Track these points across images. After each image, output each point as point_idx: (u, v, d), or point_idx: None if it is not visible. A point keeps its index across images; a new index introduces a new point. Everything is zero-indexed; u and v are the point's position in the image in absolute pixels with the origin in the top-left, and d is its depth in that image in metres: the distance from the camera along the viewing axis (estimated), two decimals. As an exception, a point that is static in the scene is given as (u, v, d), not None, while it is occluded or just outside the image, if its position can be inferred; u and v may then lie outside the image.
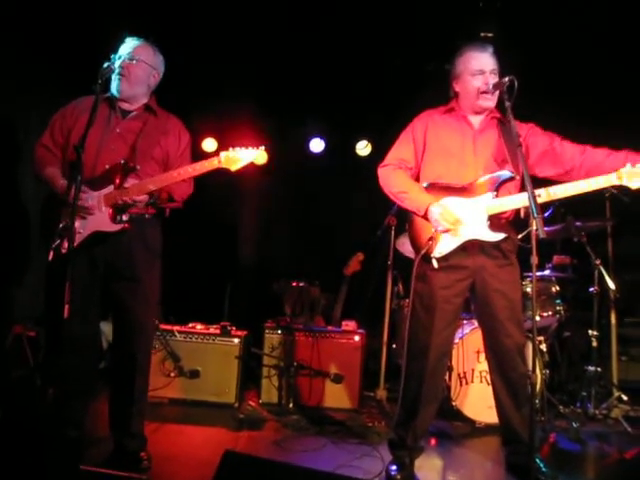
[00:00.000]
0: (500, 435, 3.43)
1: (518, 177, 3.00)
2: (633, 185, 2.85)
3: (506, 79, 2.93)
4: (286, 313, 5.58)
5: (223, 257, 6.37)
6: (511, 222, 3.19)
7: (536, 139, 3.19)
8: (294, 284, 5.83)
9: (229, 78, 5.82)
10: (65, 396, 3.04)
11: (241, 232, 6.65)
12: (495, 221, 3.05)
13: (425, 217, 3.05)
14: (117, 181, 3.11)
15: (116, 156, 3.17)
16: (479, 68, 3.14)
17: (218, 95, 5.91)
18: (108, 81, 3.20)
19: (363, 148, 6.44)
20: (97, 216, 3.09)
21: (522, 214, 2.96)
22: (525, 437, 3.14)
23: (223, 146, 6.42)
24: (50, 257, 3.06)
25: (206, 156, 3.15)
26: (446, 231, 3.00)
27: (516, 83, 2.86)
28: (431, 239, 3.02)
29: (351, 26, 5.17)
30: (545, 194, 2.91)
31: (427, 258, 3.08)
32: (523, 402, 3.16)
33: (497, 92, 3.10)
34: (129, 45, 3.30)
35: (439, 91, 4.24)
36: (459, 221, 3.01)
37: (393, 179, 3.20)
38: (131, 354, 3.25)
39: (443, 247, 3.05)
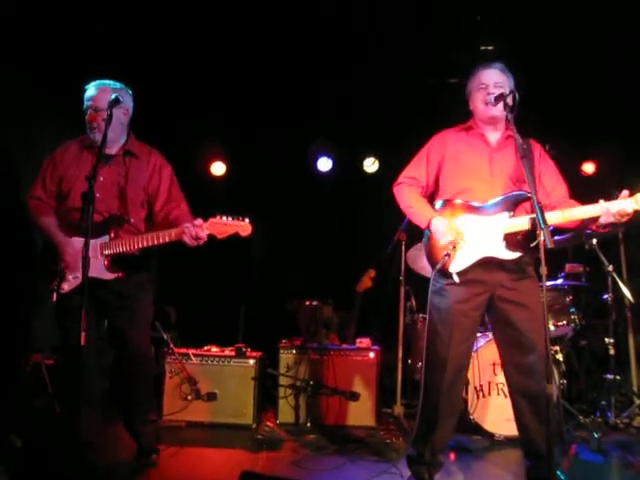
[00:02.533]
0: (520, 448, 3.39)
1: (535, 197, 3.01)
2: None
3: (506, 91, 3.02)
4: (300, 333, 5.60)
5: (236, 279, 6.41)
6: (528, 238, 3.17)
7: (546, 164, 3.29)
8: (307, 303, 5.84)
9: (235, 99, 5.91)
10: (80, 419, 3.13)
11: (253, 253, 6.69)
12: (511, 239, 3.08)
13: (429, 229, 3.17)
14: (112, 234, 3.28)
15: (103, 204, 3.29)
16: (483, 82, 3.24)
17: (225, 116, 6.00)
18: None
19: (371, 165, 6.49)
20: (93, 263, 3.04)
21: (529, 225, 2.96)
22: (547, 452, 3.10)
23: (231, 169, 6.60)
24: (54, 299, 3.24)
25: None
26: (450, 244, 3.05)
27: (517, 96, 2.91)
28: (447, 255, 3.06)
29: (356, 44, 5.23)
30: (561, 215, 2.96)
31: (443, 273, 3.12)
32: (546, 416, 3.10)
33: (500, 103, 3.13)
34: (88, 95, 3.40)
35: (444, 105, 4.29)
36: (461, 235, 3.07)
37: (403, 195, 3.33)
38: (130, 373, 3.43)
39: (459, 263, 3.10)
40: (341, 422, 4.54)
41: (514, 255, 3.06)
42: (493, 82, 3.20)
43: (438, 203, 3.28)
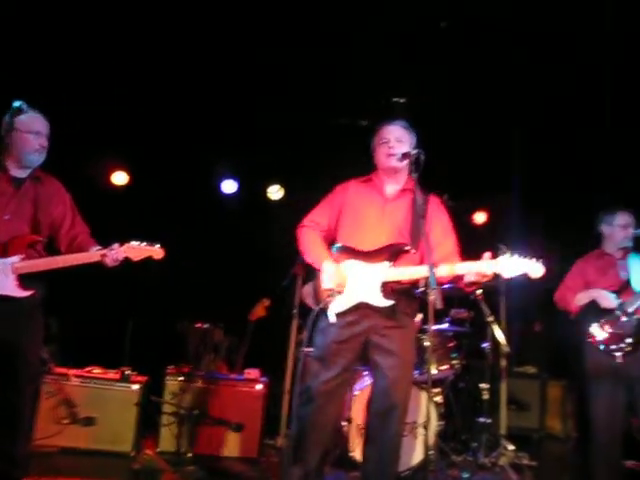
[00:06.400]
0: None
1: (414, 251, 3.24)
2: (507, 274, 3.05)
3: (414, 151, 3.17)
4: (188, 355, 5.51)
5: (125, 296, 6.21)
6: (408, 289, 3.35)
7: (438, 218, 3.43)
8: (198, 325, 5.77)
9: (140, 115, 5.80)
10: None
11: (147, 268, 6.52)
12: (389, 288, 3.23)
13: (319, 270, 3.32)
14: (24, 255, 3.26)
15: (12, 228, 3.27)
16: (385, 137, 3.42)
17: (132, 131, 5.87)
18: None
19: (275, 192, 6.54)
20: (3, 281, 3.18)
21: (421, 285, 3.13)
22: None
23: (134, 180, 6.43)
24: None
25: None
26: (329, 290, 3.22)
27: (422, 157, 3.06)
28: (330, 296, 3.23)
29: (273, 75, 5.32)
30: (448, 269, 3.11)
31: (325, 312, 3.28)
32: (389, 462, 3.30)
33: (405, 160, 3.29)
34: (39, 120, 3.39)
35: (350, 144, 4.44)
36: (342, 285, 3.24)
37: (303, 238, 3.51)
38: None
39: (338, 305, 3.26)
40: (223, 453, 4.51)
41: (388, 303, 3.21)
42: (394, 137, 3.38)
43: (333, 248, 3.43)
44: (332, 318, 3.24)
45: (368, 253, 3.29)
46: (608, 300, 3.95)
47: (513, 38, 4.93)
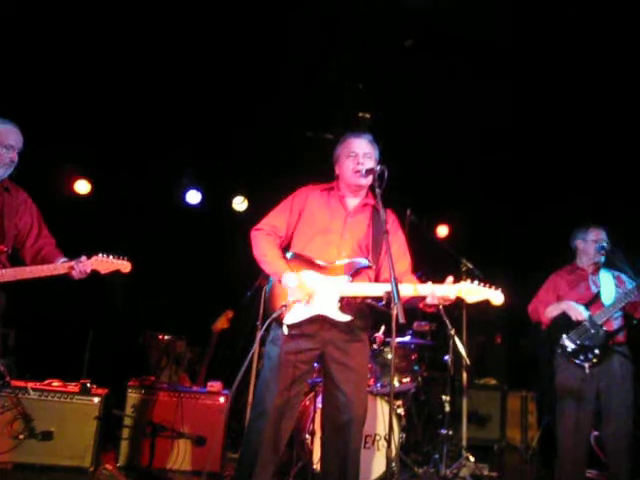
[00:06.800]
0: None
1: (374, 267, 3.26)
2: (469, 299, 3.14)
3: (378, 167, 3.17)
4: (150, 366, 5.46)
5: (86, 307, 6.12)
6: (364, 304, 3.35)
7: (396, 235, 3.44)
8: (160, 337, 5.72)
9: (104, 123, 5.76)
10: None
11: (107, 280, 6.44)
12: (346, 302, 3.22)
13: (279, 282, 3.22)
14: None
15: None
16: (353, 150, 3.39)
17: (96, 139, 5.82)
18: None
19: (240, 203, 6.54)
20: None
21: (384, 299, 3.13)
22: None
23: (98, 188, 6.36)
24: None
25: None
26: (297, 301, 3.16)
27: (386, 173, 3.10)
28: (284, 306, 3.17)
29: (236, 87, 5.33)
30: (412, 289, 3.13)
31: (279, 323, 3.22)
32: (350, 476, 3.27)
33: (370, 176, 3.32)
34: (13, 134, 3.37)
35: (316, 157, 4.47)
36: (311, 295, 3.18)
37: (259, 243, 3.38)
38: None
39: (294, 316, 3.20)
40: (185, 467, 4.45)
41: (345, 318, 3.20)
42: (363, 152, 3.37)
43: (289, 254, 3.37)
44: (285, 329, 3.18)
45: (326, 265, 3.26)
46: (578, 312, 4.08)
47: (477, 55, 5.05)
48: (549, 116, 5.60)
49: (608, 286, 4.17)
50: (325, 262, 3.28)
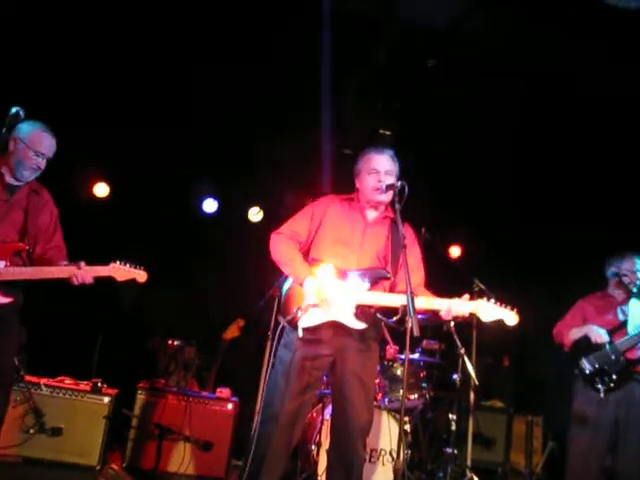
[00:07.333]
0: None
1: (392, 278, 3.34)
2: (484, 318, 3.21)
3: (399, 183, 3.25)
4: (158, 371, 5.50)
5: (99, 308, 6.18)
6: (379, 313, 3.42)
7: (412, 248, 3.50)
8: (170, 342, 5.77)
9: (125, 127, 5.86)
10: None
11: (123, 283, 6.51)
12: (362, 311, 3.28)
13: (301, 286, 3.26)
14: (8, 262, 3.29)
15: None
16: (374, 167, 3.46)
17: (116, 143, 5.92)
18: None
19: (255, 214, 6.62)
20: None
21: (399, 311, 3.19)
22: None
23: (116, 192, 6.45)
24: None
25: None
26: (314, 305, 3.21)
27: (407, 189, 3.18)
28: (299, 309, 3.22)
29: (260, 98, 5.44)
30: (426, 302, 3.20)
31: (294, 326, 3.26)
32: None
33: (390, 192, 3.39)
34: (48, 142, 3.41)
35: (334, 173, 4.55)
36: (327, 301, 3.21)
37: (282, 246, 3.43)
38: None
39: (309, 319, 3.25)
40: (190, 471, 4.51)
41: (360, 325, 3.25)
42: (384, 170, 3.44)
43: (314, 262, 3.40)
44: (300, 332, 3.20)
45: (347, 272, 3.32)
46: (598, 335, 4.10)
47: (499, 76, 5.13)
48: (569, 134, 5.64)
49: (637, 315, 4.16)
50: (345, 269, 3.33)
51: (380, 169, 3.44)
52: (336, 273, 3.31)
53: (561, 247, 6.25)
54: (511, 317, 3.20)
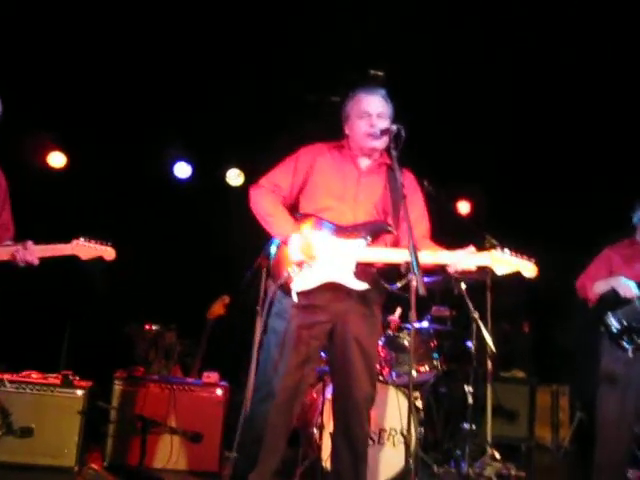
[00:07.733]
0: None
1: (395, 233, 3.34)
2: (499, 271, 3.24)
3: (394, 127, 3.23)
4: (136, 360, 5.53)
5: (65, 291, 6.19)
6: (381, 273, 3.42)
7: (414, 197, 3.50)
8: (147, 327, 5.80)
9: (80, 89, 5.81)
10: None
11: (88, 264, 6.51)
12: (362, 270, 3.28)
13: (285, 244, 3.26)
14: None
15: None
16: (365, 110, 3.44)
17: (72, 107, 5.87)
18: None
19: (235, 177, 6.60)
20: None
21: (403, 269, 3.20)
22: None
23: (74, 160, 6.41)
24: None
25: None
26: (300, 263, 3.20)
27: (403, 132, 3.17)
28: (293, 270, 3.20)
29: (231, 50, 5.38)
30: (432, 257, 3.22)
31: (285, 292, 3.26)
32: (361, 460, 3.40)
33: (385, 137, 3.38)
34: None
35: (320, 123, 4.53)
36: (314, 257, 3.20)
37: (262, 201, 3.42)
38: None
39: (303, 282, 3.24)
40: (180, 466, 4.57)
41: (362, 286, 3.25)
42: (376, 112, 3.42)
43: (300, 216, 3.40)
44: (294, 297, 3.19)
45: (342, 227, 3.32)
46: (627, 288, 4.09)
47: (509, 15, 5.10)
48: (585, 80, 5.64)
49: None
50: (341, 224, 3.33)
51: (372, 112, 3.42)
52: (331, 228, 3.31)
53: (591, 198, 6.25)
54: (529, 268, 3.23)
